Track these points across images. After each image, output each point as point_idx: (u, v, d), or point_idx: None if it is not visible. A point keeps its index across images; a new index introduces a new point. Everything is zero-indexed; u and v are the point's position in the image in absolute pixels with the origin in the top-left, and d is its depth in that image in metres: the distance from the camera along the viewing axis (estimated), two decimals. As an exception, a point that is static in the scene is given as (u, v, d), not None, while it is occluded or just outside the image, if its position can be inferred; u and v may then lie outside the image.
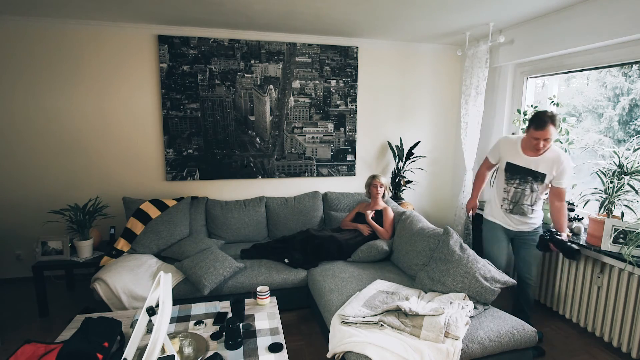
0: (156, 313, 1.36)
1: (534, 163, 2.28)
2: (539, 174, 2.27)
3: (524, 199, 2.35)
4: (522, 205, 2.37)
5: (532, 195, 2.33)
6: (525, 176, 2.33)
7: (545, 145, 2.18)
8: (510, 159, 2.37)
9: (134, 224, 2.97)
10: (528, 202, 2.35)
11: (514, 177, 2.37)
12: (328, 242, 2.94)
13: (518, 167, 2.34)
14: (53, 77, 3.16)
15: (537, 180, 2.29)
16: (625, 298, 2.27)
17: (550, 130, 2.12)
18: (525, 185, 2.33)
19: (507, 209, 2.43)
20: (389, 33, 3.48)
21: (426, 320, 1.91)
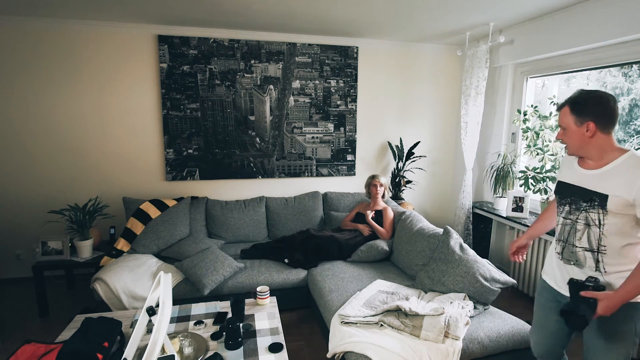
0: (156, 313, 1.36)
1: (590, 178, 1.39)
2: (597, 195, 1.35)
3: (575, 237, 1.43)
4: (573, 248, 1.44)
5: (588, 231, 1.39)
6: (576, 199, 1.43)
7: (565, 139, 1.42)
8: (562, 176, 1.54)
9: (134, 224, 2.97)
10: (583, 244, 1.40)
11: (563, 201, 1.50)
12: (328, 242, 2.94)
13: (567, 186, 1.49)
14: (53, 77, 3.16)
15: (594, 206, 1.36)
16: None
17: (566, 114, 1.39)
18: (576, 214, 1.42)
19: (559, 253, 1.52)
20: (389, 33, 3.48)
21: (426, 320, 1.91)
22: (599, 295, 1.29)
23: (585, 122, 1.34)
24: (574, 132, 1.38)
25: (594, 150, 1.37)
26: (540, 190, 3.00)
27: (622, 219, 1.31)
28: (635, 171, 1.27)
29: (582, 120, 1.34)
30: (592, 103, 1.33)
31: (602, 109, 1.32)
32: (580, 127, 1.36)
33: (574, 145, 1.41)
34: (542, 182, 3.00)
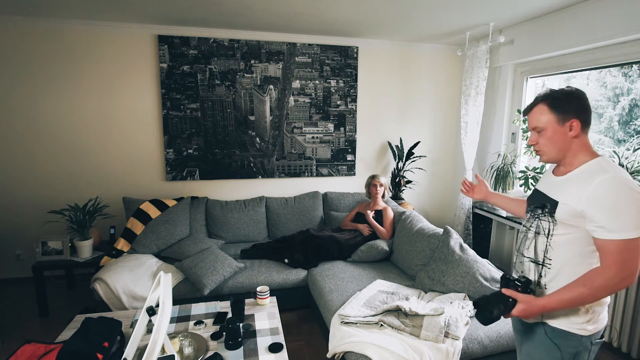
0: (156, 313, 1.36)
1: (554, 185, 1.25)
2: (549, 201, 1.23)
3: (524, 245, 1.33)
4: (522, 258, 1.33)
5: (536, 240, 1.27)
6: (535, 206, 1.31)
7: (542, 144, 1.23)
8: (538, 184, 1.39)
9: (134, 224, 2.97)
10: (530, 254, 1.29)
11: (527, 209, 1.38)
12: (328, 242, 2.94)
13: (536, 192, 1.35)
14: (53, 77, 3.15)
15: (545, 214, 1.24)
16: (625, 298, 2.27)
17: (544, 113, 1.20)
18: (531, 222, 1.31)
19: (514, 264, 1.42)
20: (389, 33, 3.48)
21: (426, 320, 1.91)
22: (519, 297, 1.21)
23: (569, 120, 1.17)
24: (554, 133, 1.19)
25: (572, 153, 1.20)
26: (540, 190, 3.00)
27: (572, 231, 1.16)
28: (590, 179, 1.11)
29: (565, 117, 1.17)
30: (574, 97, 1.18)
31: (584, 104, 1.18)
32: (562, 126, 1.18)
33: (553, 150, 1.21)
34: (542, 182, 3.00)
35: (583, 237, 1.15)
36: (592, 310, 1.18)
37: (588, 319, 1.18)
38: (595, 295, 1.11)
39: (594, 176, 1.11)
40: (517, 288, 1.24)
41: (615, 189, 1.07)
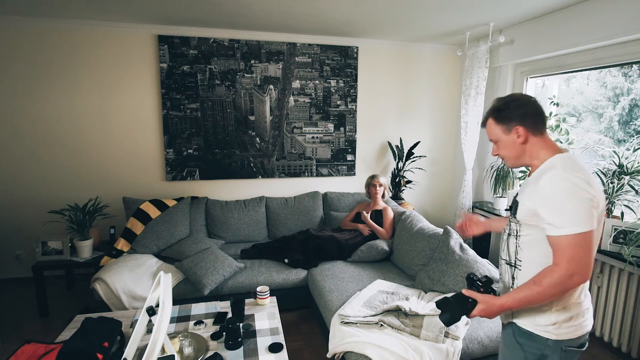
0: (156, 313, 1.36)
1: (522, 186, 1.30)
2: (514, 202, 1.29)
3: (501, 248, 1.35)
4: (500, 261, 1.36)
5: (508, 241, 1.30)
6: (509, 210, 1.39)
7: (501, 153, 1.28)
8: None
9: (134, 224, 2.97)
10: (504, 256, 1.32)
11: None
12: (328, 242, 2.94)
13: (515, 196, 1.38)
14: (53, 77, 3.16)
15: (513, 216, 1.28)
16: (625, 298, 2.27)
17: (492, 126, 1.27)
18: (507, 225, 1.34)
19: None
20: (389, 33, 3.48)
21: (426, 320, 1.91)
22: (478, 297, 1.21)
23: (513, 127, 1.21)
24: (505, 142, 1.24)
25: (530, 156, 1.22)
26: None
27: (534, 231, 1.17)
28: (539, 178, 1.13)
29: (509, 126, 1.22)
30: (514, 106, 1.21)
31: (526, 110, 1.20)
32: (509, 134, 1.22)
33: (511, 157, 1.26)
34: (542, 182, 2.99)
35: (545, 236, 1.14)
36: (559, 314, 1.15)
37: (553, 322, 1.15)
38: (546, 293, 1.09)
39: (543, 174, 1.13)
40: (479, 288, 1.25)
41: (559, 185, 1.08)
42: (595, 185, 1.09)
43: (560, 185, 1.08)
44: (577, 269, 1.06)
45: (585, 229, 1.05)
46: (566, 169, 1.10)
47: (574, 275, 1.06)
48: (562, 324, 1.15)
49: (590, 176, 1.11)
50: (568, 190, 1.07)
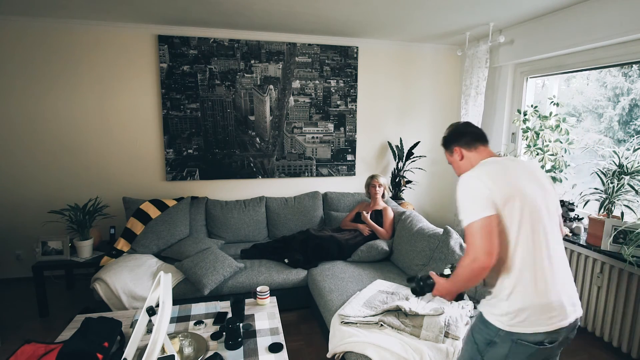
0: (156, 313, 1.36)
1: None
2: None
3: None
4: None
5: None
6: None
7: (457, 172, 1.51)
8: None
9: (134, 224, 2.97)
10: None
11: None
12: (328, 242, 2.94)
13: None
14: (53, 77, 3.15)
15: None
16: (625, 298, 2.27)
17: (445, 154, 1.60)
18: None
19: None
20: (389, 33, 3.48)
21: (426, 320, 1.91)
22: (435, 278, 1.39)
23: (452, 149, 1.49)
24: (453, 162, 1.52)
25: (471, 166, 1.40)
26: (540, 190, 3.00)
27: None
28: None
29: (450, 149, 1.51)
30: (449, 132, 1.54)
31: (457, 132, 1.49)
32: (452, 155, 1.50)
33: (460, 171, 1.47)
34: (542, 182, 2.99)
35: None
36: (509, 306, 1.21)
37: (505, 313, 1.21)
38: (463, 275, 1.23)
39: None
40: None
41: (458, 186, 1.29)
42: (494, 177, 1.25)
43: (459, 186, 1.29)
44: (477, 254, 1.18)
45: (477, 217, 1.19)
46: (469, 172, 1.31)
47: (475, 260, 1.18)
48: (514, 317, 1.19)
49: (490, 171, 1.28)
50: (462, 188, 1.27)
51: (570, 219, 2.69)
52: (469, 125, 1.50)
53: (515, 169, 1.31)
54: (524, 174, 1.30)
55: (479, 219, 1.19)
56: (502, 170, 1.29)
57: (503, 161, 1.35)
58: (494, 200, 1.21)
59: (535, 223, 1.23)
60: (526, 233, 1.21)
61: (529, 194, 1.24)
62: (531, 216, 1.22)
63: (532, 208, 1.23)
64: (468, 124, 1.51)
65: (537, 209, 1.24)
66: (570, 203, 2.71)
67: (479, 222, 1.19)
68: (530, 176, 1.31)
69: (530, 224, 1.22)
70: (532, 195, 1.25)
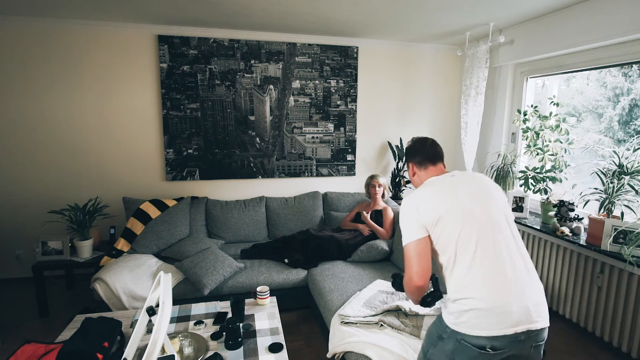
0: (156, 313, 1.36)
1: None
2: None
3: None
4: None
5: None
6: None
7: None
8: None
9: (134, 224, 2.97)
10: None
11: None
12: (328, 242, 2.94)
13: None
14: (52, 77, 3.15)
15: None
16: (625, 298, 2.27)
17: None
18: None
19: None
20: (389, 33, 3.48)
21: (426, 320, 1.91)
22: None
23: (408, 164, 1.57)
24: (409, 175, 1.59)
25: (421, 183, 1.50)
26: (540, 190, 3.00)
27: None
28: None
29: (407, 165, 1.60)
30: (407, 147, 1.59)
31: (411, 149, 1.54)
32: (408, 169, 1.59)
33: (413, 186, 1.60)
34: (542, 182, 3.00)
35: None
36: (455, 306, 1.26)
37: (451, 312, 1.27)
38: (405, 289, 1.37)
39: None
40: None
41: (400, 207, 1.40)
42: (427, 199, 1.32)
43: (401, 206, 1.39)
44: (410, 274, 1.31)
45: (410, 239, 1.31)
46: (408, 196, 1.39)
47: (410, 280, 1.31)
48: (458, 317, 1.24)
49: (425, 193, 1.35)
50: (400, 210, 1.38)
51: (570, 219, 2.69)
52: (423, 144, 1.53)
53: (455, 186, 1.36)
54: (465, 190, 1.35)
55: (411, 242, 1.31)
56: (438, 191, 1.36)
57: (444, 180, 1.41)
58: (424, 223, 1.30)
59: (482, 234, 1.26)
60: (469, 244, 1.25)
61: (471, 208, 1.29)
62: (475, 229, 1.26)
63: (474, 221, 1.28)
64: (423, 141, 1.54)
65: (481, 221, 1.28)
66: (570, 203, 2.71)
67: (411, 244, 1.31)
68: (474, 190, 1.35)
69: (476, 236, 1.26)
70: (475, 209, 1.29)
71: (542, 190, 2.99)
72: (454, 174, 1.44)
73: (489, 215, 1.30)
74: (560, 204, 2.72)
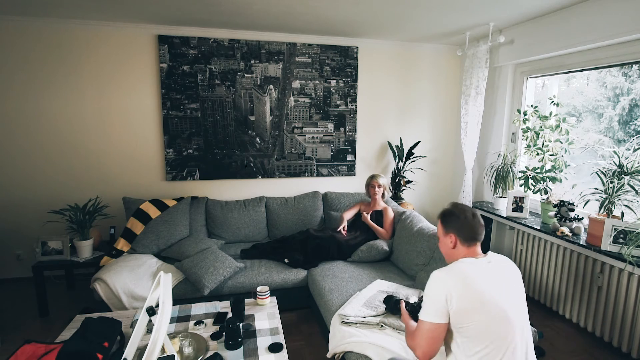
0: (156, 313, 1.36)
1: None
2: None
3: None
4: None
5: None
6: None
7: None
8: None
9: (134, 224, 2.97)
10: None
11: None
12: (328, 242, 2.94)
13: None
14: (52, 77, 3.15)
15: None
16: (625, 298, 2.27)
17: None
18: None
19: None
20: (389, 33, 3.48)
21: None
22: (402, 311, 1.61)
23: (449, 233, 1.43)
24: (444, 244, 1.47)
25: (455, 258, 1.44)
26: (540, 191, 3.00)
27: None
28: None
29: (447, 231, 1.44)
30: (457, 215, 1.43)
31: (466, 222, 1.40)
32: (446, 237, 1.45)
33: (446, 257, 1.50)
34: (542, 182, 3.00)
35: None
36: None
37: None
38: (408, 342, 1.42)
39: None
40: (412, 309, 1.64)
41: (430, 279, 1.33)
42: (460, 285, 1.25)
43: (430, 279, 1.33)
44: (416, 347, 1.33)
45: (428, 319, 1.29)
46: (443, 271, 1.32)
47: (414, 350, 1.34)
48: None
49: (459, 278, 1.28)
50: (429, 284, 1.32)
51: (570, 219, 2.69)
52: (474, 217, 1.42)
53: (490, 277, 1.31)
54: (493, 280, 1.30)
55: (429, 322, 1.29)
56: (471, 278, 1.28)
57: (481, 266, 1.34)
58: (449, 309, 1.26)
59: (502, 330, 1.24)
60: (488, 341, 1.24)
61: (496, 303, 1.25)
62: (496, 324, 1.24)
63: (498, 316, 1.24)
64: (473, 214, 1.42)
65: (505, 316, 1.25)
66: (570, 203, 2.71)
67: (428, 324, 1.29)
68: (501, 281, 1.32)
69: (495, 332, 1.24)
70: (499, 303, 1.25)
71: (542, 190, 2.99)
72: (490, 259, 1.38)
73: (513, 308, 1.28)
74: (560, 204, 2.72)
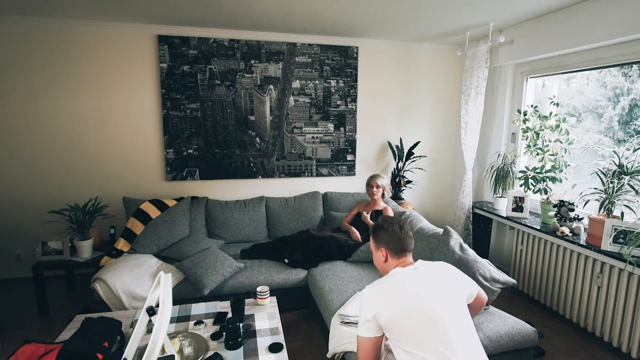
0: (156, 313, 1.36)
1: None
2: None
3: None
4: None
5: None
6: None
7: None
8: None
9: (134, 224, 2.97)
10: None
11: None
12: (328, 242, 2.94)
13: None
14: (53, 77, 3.15)
15: None
16: (625, 298, 2.27)
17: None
18: None
19: None
20: (389, 33, 3.48)
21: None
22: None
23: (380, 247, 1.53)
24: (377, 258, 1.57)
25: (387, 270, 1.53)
26: (540, 191, 3.00)
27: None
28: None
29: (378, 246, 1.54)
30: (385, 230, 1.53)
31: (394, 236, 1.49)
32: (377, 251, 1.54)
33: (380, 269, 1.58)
34: (542, 182, 3.00)
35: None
36: None
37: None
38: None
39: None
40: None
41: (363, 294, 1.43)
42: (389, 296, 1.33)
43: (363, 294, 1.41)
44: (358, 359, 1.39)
45: (361, 334, 1.36)
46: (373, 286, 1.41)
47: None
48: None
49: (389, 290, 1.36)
50: (362, 299, 1.40)
51: (570, 219, 2.69)
52: (401, 230, 1.49)
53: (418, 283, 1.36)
54: (419, 284, 1.35)
55: (362, 337, 1.36)
56: (398, 288, 1.36)
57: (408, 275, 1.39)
58: (379, 322, 1.32)
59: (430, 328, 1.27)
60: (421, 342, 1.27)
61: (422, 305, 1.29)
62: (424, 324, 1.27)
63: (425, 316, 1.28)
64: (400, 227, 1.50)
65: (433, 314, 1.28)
66: (570, 203, 2.71)
67: (362, 339, 1.37)
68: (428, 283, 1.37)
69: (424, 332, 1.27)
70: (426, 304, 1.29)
71: (542, 190, 2.99)
72: (417, 266, 1.45)
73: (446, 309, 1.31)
74: (560, 204, 2.72)
